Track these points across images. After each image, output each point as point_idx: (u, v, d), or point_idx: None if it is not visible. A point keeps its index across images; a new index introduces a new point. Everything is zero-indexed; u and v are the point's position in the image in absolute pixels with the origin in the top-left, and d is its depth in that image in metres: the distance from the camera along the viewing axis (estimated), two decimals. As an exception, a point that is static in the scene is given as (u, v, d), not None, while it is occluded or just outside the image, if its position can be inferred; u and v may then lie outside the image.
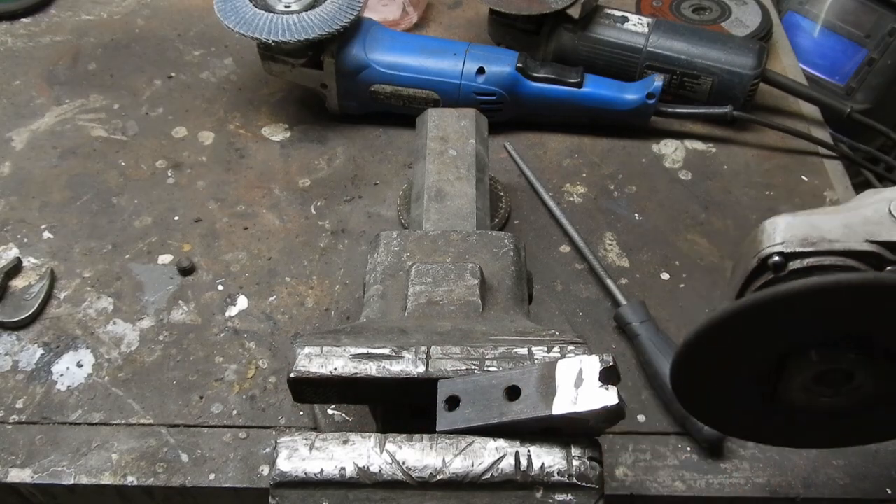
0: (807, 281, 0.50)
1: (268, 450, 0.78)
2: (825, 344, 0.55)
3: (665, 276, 0.94)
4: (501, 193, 1.01)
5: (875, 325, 0.54)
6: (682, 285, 0.93)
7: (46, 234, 0.97)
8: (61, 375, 0.84)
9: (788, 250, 0.61)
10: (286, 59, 1.06)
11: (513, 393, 0.55)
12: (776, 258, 0.62)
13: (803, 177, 1.06)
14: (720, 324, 0.53)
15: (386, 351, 0.60)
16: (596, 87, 1.07)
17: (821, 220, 0.63)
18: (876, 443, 0.70)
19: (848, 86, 1.57)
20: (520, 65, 1.06)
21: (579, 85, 1.06)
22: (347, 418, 0.77)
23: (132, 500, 0.78)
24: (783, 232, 0.63)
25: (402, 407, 0.63)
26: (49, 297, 0.90)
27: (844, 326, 0.54)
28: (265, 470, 0.76)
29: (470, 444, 0.54)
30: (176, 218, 1.00)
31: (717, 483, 0.76)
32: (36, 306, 0.88)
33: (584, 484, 0.52)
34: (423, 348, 0.60)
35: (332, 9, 1.02)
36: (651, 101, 1.06)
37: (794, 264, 0.62)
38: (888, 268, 0.61)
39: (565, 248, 0.96)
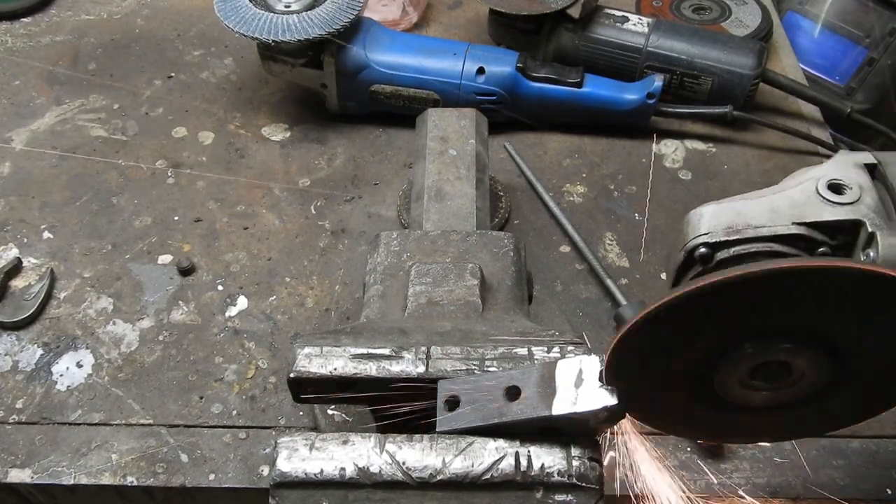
0: (712, 277, 0.47)
1: (268, 450, 0.78)
2: (759, 335, 0.52)
3: (665, 276, 0.94)
4: (501, 193, 1.01)
5: (806, 313, 0.50)
6: (682, 285, 0.93)
7: (46, 234, 0.97)
8: (61, 375, 0.84)
9: (714, 240, 0.60)
10: (286, 59, 1.06)
11: (513, 393, 0.55)
12: (702, 249, 0.60)
13: (803, 177, 1.06)
14: (643, 325, 0.50)
15: (386, 351, 0.60)
16: (596, 87, 1.07)
17: (746, 206, 0.61)
18: (825, 433, 0.66)
19: (848, 86, 1.56)
20: (520, 65, 1.06)
21: (579, 85, 1.06)
22: (347, 418, 0.77)
23: (132, 501, 0.78)
24: (708, 222, 0.61)
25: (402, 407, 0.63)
26: (49, 297, 0.90)
27: (775, 317, 0.51)
28: (265, 470, 0.76)
29: (470, 445, 0.54)
30: (176, 218, 0.99)
31: (718, 483, 0.76)
32: (36, 306, 0.88)
33: (584, 484, 0.52)
34: (423, 348, 0.60)
35: (332, 9, 1.02)
36: (651, 101, 1.06)
37: (722, 254, 0.60)
38: (819, 249, 0.60)
39: (565, 248, 0.96)
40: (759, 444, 0.78)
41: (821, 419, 0.60)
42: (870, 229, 0.59)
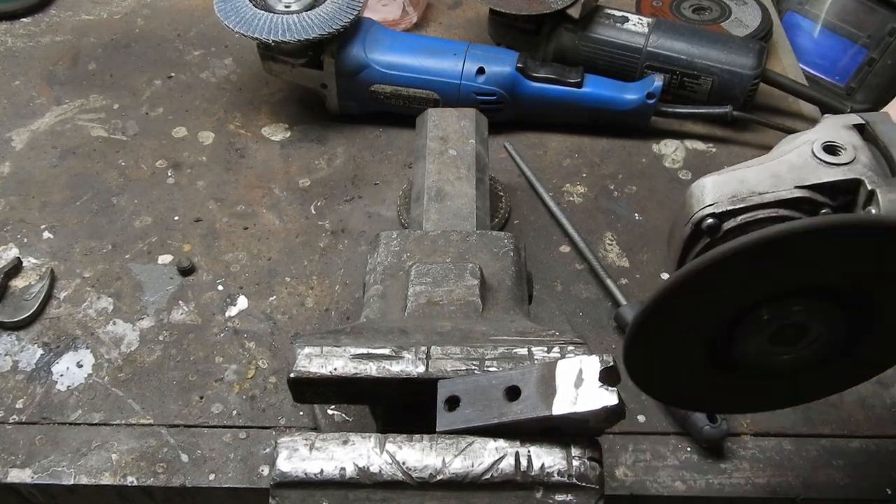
0: (732, 244, 0.48)
1: (268, 450, 0.78)
2: (773, 300, 0.53)
3: (665, 276, 0.94)
4: (501, 193, 1.01)
5: (816, 272, 0.52)
6: (682, 285, 0.93)
7: (46, 234, 0.97)
8: (61, 375, 0.84)
9: (720, 210, 0.60)
10: (286, 59, 1.06)
11: (513, 393, 0.55)
12: (709, 220, 0.60)
13: (803, 177, 1.06)
14: (662, 301, 0.51)
15: (386, 351, 0.60)
16: (596, 87, 1.07)
17: (748, 174, 0.62)
18: (841, 391, 0.68)
19: (848, 86, 1.57)
20: (520, 65, 1.06)
21: (579, 85, 1.06)
22: (347, 418, 0.77)
23: (132, 501, 0.78)
24: (712, 192, 0.61)
25: (403, 407, 0.63)
26: (49, 297, 0.90)
27: (787, 279, 0.52)
28: (265, 470, 0.76)
29: (470, 445, 0.54)
30: (176, 218, 1.00)
31: (718, 483, 0.76)
32: (36, 306, 0.88)
33: (584, 484, 0.52)
34: (423, 348, 0.60)
35: (332, 9, 1.02)
36: (651, 101, 1.06)
37: (729, 223, 0.60)
38: (822, 210, 0.60)
39: (565, 248, 0.96)
40: (763, 441, 0.78)
41: (842, 376, 0.62)
42: (869, 187, 0.59)
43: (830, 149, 0.62)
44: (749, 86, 1.08)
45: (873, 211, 0.59)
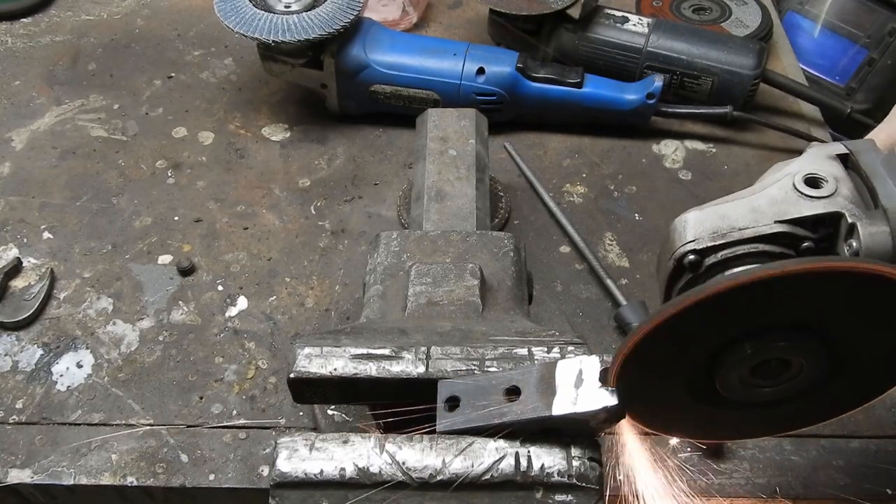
0: (697, 290, 0.49)
1: (268, 450, 0.78)
2: (756, 334, 0.53)
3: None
4: (501, 193, 1.01)
5: (789, 312, 0.52)
6: (682, 285, 0.93)
7: (46, 234, 0.97)
8: (61, 376, 0.84)
9: (701, 246, 0.61)
10: (286, 59, 1.06)
11: (513, 393, 0.55)
12: (691, 257, 0.61)
13: (803, 177, 1.06)
14: (646, 338, 0.51)
15: (386, 351, 0.60)
16: (596, 87, 1.07)
17: (728, 209, 0.62)
18: (827, 420, 0.67)
19: (848, 86, 1.56)
20: (520, 65, 1.06)
21: (579, 85, 1.06)
22: (347, 418, 0.77)
23: (132, 501, 0.78)
24: (693, 228, 0.62)
25: (402, 407, 0.63)
26: (49, 297, 0.90)
27: (770, 316, 0.52)
28: (265, 470, 0.76)
29: (470, 445, 0.54)
30: (176, 218, 1.00)
31: (718, 483, 0.76)
32: (36, 306, 0.88)
33: (584, 484, 0.52)
34: (423, 348, 0.60)
35: (332, 9, 1.02)
36: (651, 101, 1.06)
37: (710, 259, 0.61)
38: (804, 244, 0.61)
39: (565, 248, 0.96)
40: (763, 441, 0.78)
41: (823, 408, 0.62)
42: (850, 220, 0.60)
43: (812, 181, 0.62)
44: (749, 86, 1.08)
45: (854, 244, 0.59)
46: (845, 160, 0.64)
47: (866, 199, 0.61)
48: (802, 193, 0.62)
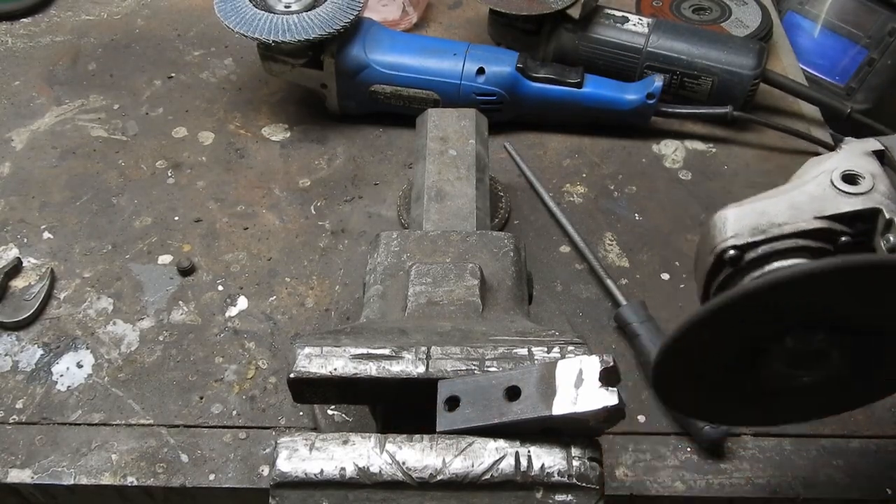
0: (752, 284, 0.51)
1: (268, 450, 0.78)
2: (797, 328, 0.55)
3: (665, 276, 0.94)
4: (501, 193, 1.01)
5: (836, 305, 0.54)
6: (682, 285, 0.93)
7: (46, 235, 0.97)
8: (61, 376, 0.84)
9: (741, 242, 0.62)
10: (286, 59, 1.06)
11: (513, 393, 0.55)
12: (731, 252, 0.62)
13: (803, 177, 1.06)
14: (690, 330, 0.53)
15: (386, 351, 0.60)
16: (596, 87, 1.07)
17: (768, 205, 0.63)
18: (851, 410, 0.71)
19: (848, 86, 1.56)
20: (520, 65, 1.06)
21: (579, 85, 1.06)
22: (347, 418, 0.77)
23: (132, 500, 0.78)
24: (733, 225, 0.63)
25: (402, 407, 0.63)
26: (49, 297, 0.90)
27: (810, 311, 0.54)
28: (265, 470, 0.76)
29: (470, 445, 0.54)
30: (176, 218, 1.00)
31: (717, 483, 0.76)
32: (36, 306, 0.88)
33: (584, 484, 0.52)
34: (423, 348, 0.60)
35: (332, 9, 1.02)
36: (651, 101, 1.06)
37: (750, 255, 0.62)
38: (842, 239, 0.61)
39: (565, 248, 0.96)
40: (763, 441, 0.79)
41: (860, 394, 0.65)
42: (887, 216, 0.61)
43: (849, 178, 0.63)
44: (749, 86, 1.08)
45: (891, 239, 0.60)
46: (881, 156, 0.65)
47: None
48: (840, 190, 0.62)
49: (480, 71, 1.05)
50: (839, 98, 1.45)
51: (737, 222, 0.62)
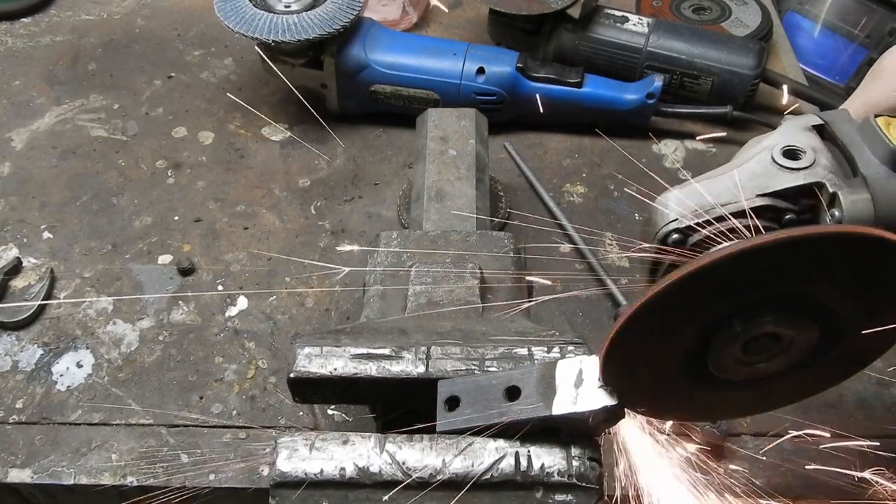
0: (691, 265, 0.47)
1: (268, 450, 0.78)
2: (743, 311, 0.52)
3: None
4: (501, 193, 1.01)
5: (776, 285, 0.51)
6: (682, 285, 0.92)
7: (46, 234, 0.97)
8: (61, 375, 0.84)
9: (683, 225, 0.61)
10: (286, 59, 1.06)
11: (513, 393, 0.55)
12: (675, 236, 0.61)
13: (803, 177, 1.06)
14: (634, 318, 0.50)
15: (386, 351, 0.60)
16: (596, 87, 1.07)
17: (709, 185, 0.62)
18: (825, 389, 0.66)
19: (848, 86, 1.56)
20: (520, 65, 1.06)
21: (579, 85, 1.06)
22: (347, 418, 0.77)
23: (132, 501, 0.78)
24: (675, 208, 0.62)
25: (402, 407, 0.63)
26: (49, 297, 0.90)
27: (747, 294, 0.51)
28: (265, 470, 0.76)
29: (470, 445, 0.54)
30: (176, 218, 1.00)
31: (718, 483, 0.76)
32: (36, 306, 0.88)
33: (583, 484, 0.52)
34: (423, 348, 0.60)
35: (332, 9, 1.02)
36: (651, 101, 1.06)
37: (694, 238, 0.61)
38: (786, 216, 0.61)
39: (565, 248, 0.96)
40: (763, 441, 0.78)
41: (818, 378, 0.61)
42: (830, 190, 0.60)
43: (790, 153, 0.62)
44: (749, 86, 1.08)
45: (836, 213, 0.59)
46: (821, 131, 0.64)
47: (845, 169, 0.62)
48: (782, 166, 0.62)
49: (480, 71, 1.05)
50: (839, 98, 1.45)
51: (679, 204, 0.62)
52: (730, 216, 0.60)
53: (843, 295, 0.52)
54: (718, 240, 0.60)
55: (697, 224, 0.61)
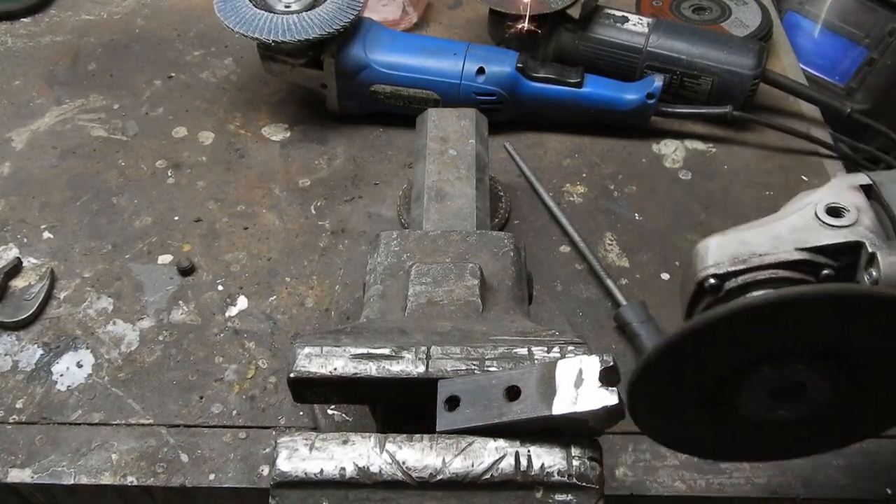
0: (726, 307, 0.50)
1: (268, 450, 0.78)
2: (775, 357, 0.54)
3: (665, 276, 0.94)
4: (501, 193, 1.01)
5: (806, 336, 0.53)
6: (682, 285, 0.93)
7: (46, 234, 0.97)
8: (61, 375, 0.84)
9: (721, 271, 0.62)
10: (286, 59, 1.06)
11: (513, 393, 0.55)
12: (711, 281, 0.62)
13: (803, 177, 1.06)
14: (663, 354, 0.52)
15: (386, 351, 0.60)
16: (596, 87, 1.07)
17: (750, 235, 0.63)
18: (839, 448, 0.69)
19: (848, 86, 1.56)
20: (520, 65, 1.06)
21: (579, 85, 1.06)
22: (347, 418, 0.77)
23: (132, 501, 0.78)
24: (714, 254, 0.63)
25: (402, 407, 0.63)
26: (49, 297, 0.90)
27: (788, 340, 0.54)
28: (265, 470, 0.76)
29: (470, 445, 0.54)
30: (176, 218, 1.00)
31: (718, 483, 0.76)
32: (36, 306, 0.88)
33: (584, 484, 0.52)
34: (423, 348, 0.60)
35: (332, 9, 1.02)
36: (651, 101, 1.06)
37: (730, 284, 0.62)
38: (823, 272, 0.61)
39: (565, 248, 0.96)
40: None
41: (842, 432, 0.63)
42: (870, 250, 0.60)
43: (834, 211, 0.63)
44: (749, 86, 1.08)
45: (874, 273, 0.59)
46: (868, 191, 0.65)
47: (888, 230, 0.62)
48: (824, 222, 0.63)
49: (480, 71, 1.05)
50: (839, 98, 1.45)
51: (718, 251, 0.63)
52: (767, 266, 0.61)
53: (874, 353, 0.54)
54: (754, 288, 0.62)
55: (735, 271, 0.62)
